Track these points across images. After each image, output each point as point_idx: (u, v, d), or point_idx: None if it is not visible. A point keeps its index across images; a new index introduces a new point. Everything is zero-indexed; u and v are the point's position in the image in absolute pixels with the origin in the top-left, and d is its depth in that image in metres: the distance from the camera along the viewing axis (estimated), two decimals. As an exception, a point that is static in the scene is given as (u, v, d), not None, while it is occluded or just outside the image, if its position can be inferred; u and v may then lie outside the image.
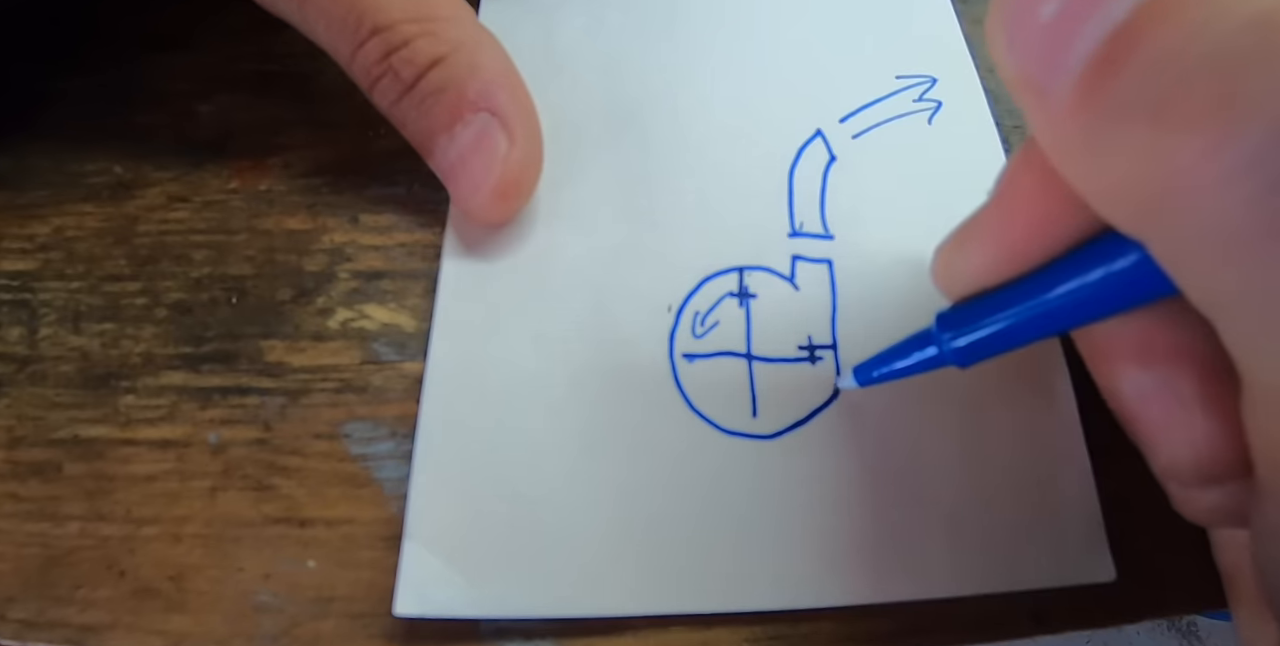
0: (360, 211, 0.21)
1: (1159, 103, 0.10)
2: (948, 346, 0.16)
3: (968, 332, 0.15)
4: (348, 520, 0.18)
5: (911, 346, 0.17)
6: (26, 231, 0.21)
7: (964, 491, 0.18)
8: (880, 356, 0.17)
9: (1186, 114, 0.10)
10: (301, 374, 0.19)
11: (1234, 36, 0.09)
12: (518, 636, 0.17)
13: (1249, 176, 0.09)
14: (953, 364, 0.16)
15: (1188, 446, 0.14)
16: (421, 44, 0.19)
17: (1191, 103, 0.09)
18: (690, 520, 0.18)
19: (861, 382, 0.18)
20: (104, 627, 0.17)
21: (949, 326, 0.16)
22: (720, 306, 0.19)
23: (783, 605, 0.17)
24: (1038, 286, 0.14)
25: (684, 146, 0.21)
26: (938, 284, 0.16)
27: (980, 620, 0.18)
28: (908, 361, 0.17)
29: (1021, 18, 0.11)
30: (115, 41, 0.23)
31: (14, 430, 0.19)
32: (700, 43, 0.23)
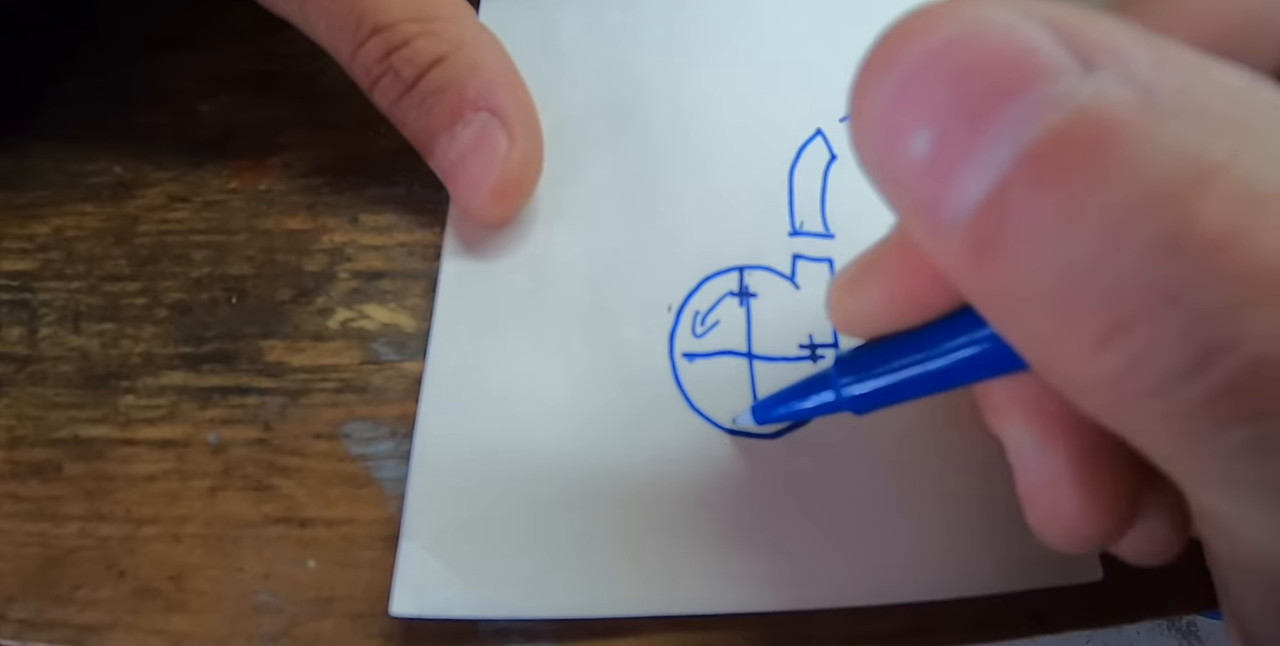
0: (360, 211, 0.21)
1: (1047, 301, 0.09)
2: (844, 394, 0.15)
3: (863, 381, 0.14)
4: (348, 520, 0.18)
5: (810, 388, 0.16)
6: (26, 231, 0.21)
7: (964, 492, 0.18)
8: (778, 395, 0.17)
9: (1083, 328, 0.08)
10: (301, 374, 0.19)
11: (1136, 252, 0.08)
12: (518, 637, 0.17)
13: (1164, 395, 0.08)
14: (849, 411, 0.15)
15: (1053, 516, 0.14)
16: (422, 43, 0.19)
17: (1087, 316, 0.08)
18: (690, 520, 0.18)
19: (759, 421, 0.18)
20: (104, 627, 0.17)
21: (846, 371, 0.15)
22: (721, 305, 0.19)
23: (783, 605, 0.17)
24: (933, 340, 0.13)
25: (684, 146, 0.21)
26: (831, 319, 0.15)
27: (980, 620, 0.18)
28: (805, 404, 0.16)
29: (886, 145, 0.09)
30: (116, 42, 0.23)
31: (14, 430, 0.19)
32: (701, 42, 0.23)
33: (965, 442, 0.18)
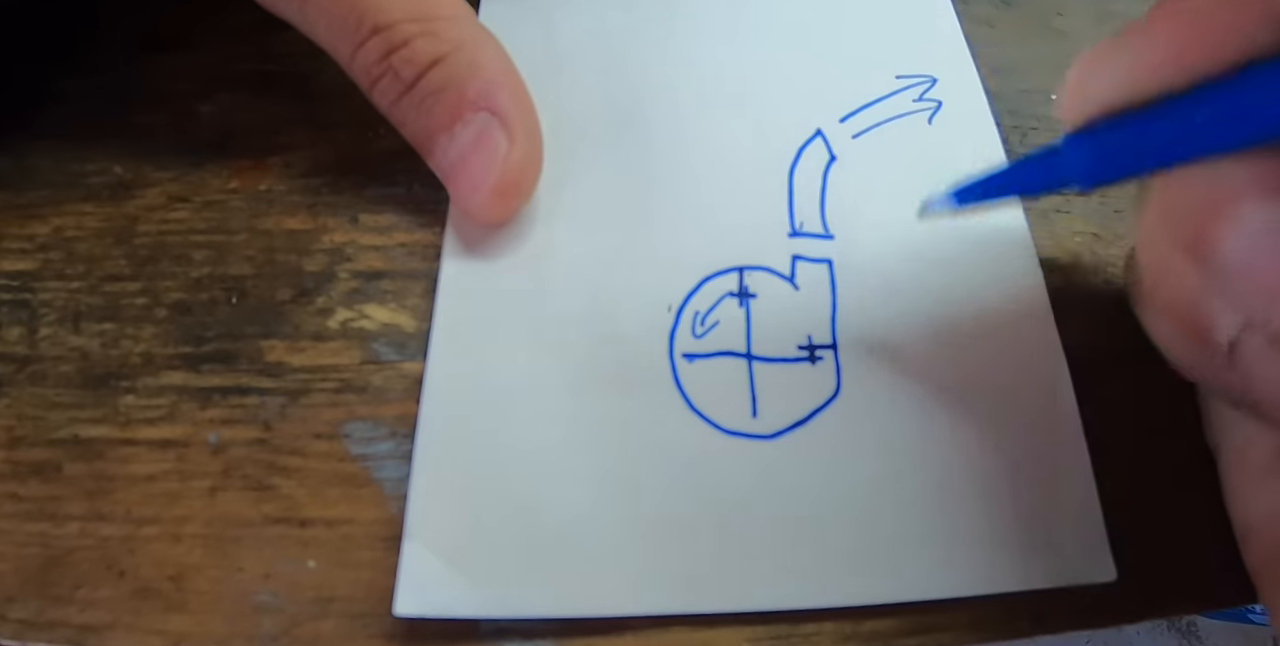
0: (360, 211, 0.21)
1: None
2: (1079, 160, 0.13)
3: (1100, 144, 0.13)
4: (348, 520, 0.18)
5: (1030, 165, 0.14)
6: (26, 231, 0.21)
7: (964, 491, 0.18)
8: (994, 175, 0.15)
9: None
10: (301, 374, 0.19)
11: None
12: (518, 636, 0.17)
13: None
14: (1078, 185, 0.14)
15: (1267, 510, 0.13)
16: (422, 43, 0.19)
17: None
18: (690, 520, 0.18)
19: (962, 202, 0.16)
20: (104, 627, 0.17)
21: (1080, 142, 0.13)
22: (720, 306, 0.19)
23: (783, 605, 0.17)
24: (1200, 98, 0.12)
25: (684, 146, 0.21)
26: (1067, 102, 0.14)
27: (980, 620, 0.18)
28: (1026, 179, 0.15)
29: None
30: (115, 41, 0.23)
31: (14, 430, 0.19)
32: (700, 42, 0.23)
33: (964, 442, 0.18)
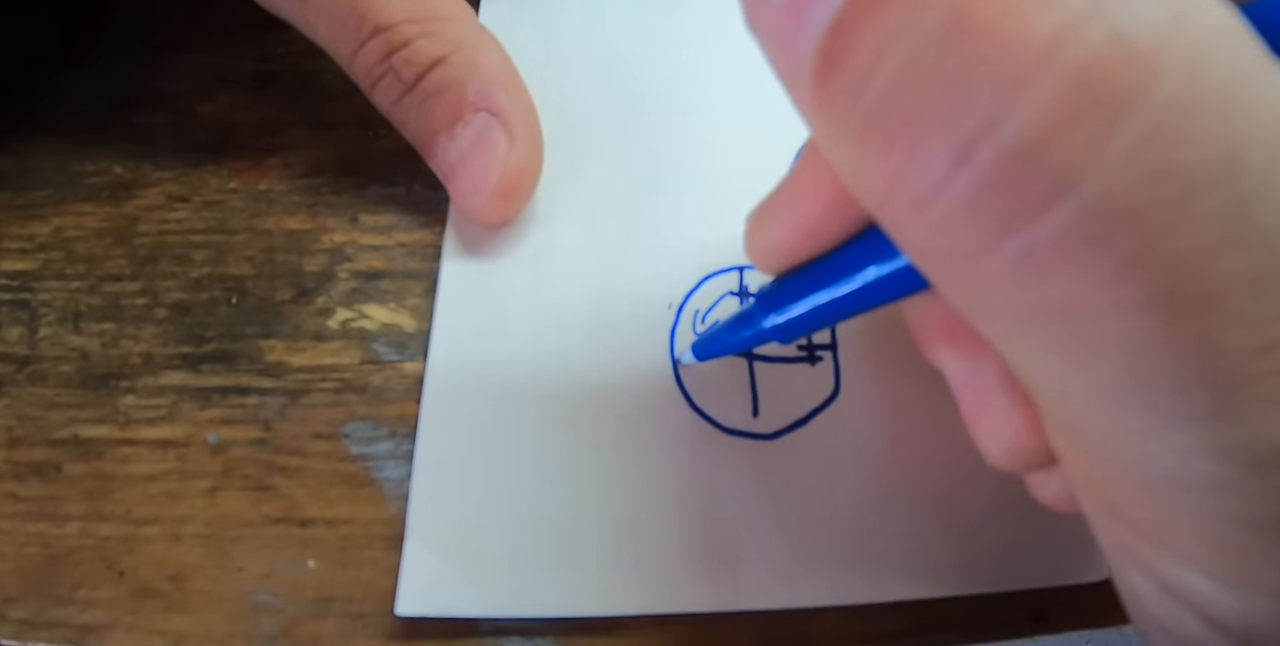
0: (360, 211, 0.21)
1: (861, 119, 0.09)
2: (766, 326, 0.15)
3: (780, 313, 0.15)
4: (348, 520, 0.18)
5: (741, 322, 0.16)
6: (26, 231, 0.21)
7: (963, 491, 0.18)
8: (715, 333, 0.17)
9: (879, 136, 0.09)
10: (301, 374, 0.19)
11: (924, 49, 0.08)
12: (517, 636, 0.17)
13: (934, 203, 0.09)
14: (775, 341, 0.16)
15: (996, 434, 0.14)
16: (422, 44, 0.19)
17: (883, 125, 0.09)
18: (690, 519, 0.18)
19: (700, 358, 0.18)
20: (104, 627, 0.17)
21: (766, 306, 0.15)
22: (721, 305, 0.19)
23: (783, 604, 0.17)
24: (835, 268, 0.13)
25: (684, 145, 0.21)
26: (748, 257, 0.15)
27: (980, 620, 0.18)
28: (739, 337, 0.17)
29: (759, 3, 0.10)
30: (115, 41, 0.23)
31: (14, 430, 0.19)
32: (700, 42, 0.23)
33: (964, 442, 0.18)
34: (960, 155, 0.08)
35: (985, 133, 0.08)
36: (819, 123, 0.10)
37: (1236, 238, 0.08)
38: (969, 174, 0.08)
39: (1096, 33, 0.08)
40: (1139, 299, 0.08)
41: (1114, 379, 0.09)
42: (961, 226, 0.09)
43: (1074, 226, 0.08)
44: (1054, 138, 0.08)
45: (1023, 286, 0.09)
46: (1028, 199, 0.08)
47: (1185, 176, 0.08)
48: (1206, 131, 0.08)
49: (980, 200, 0.08)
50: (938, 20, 0.08)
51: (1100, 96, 0.08)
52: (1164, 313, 0.08)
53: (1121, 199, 0.08)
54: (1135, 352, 0.08)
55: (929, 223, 0.09)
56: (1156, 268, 0.08)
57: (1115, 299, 0.08)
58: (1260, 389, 0.08)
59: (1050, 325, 0.09)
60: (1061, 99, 0.08)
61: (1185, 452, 0.09)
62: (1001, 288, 0.09)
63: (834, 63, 0.09)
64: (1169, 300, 0.08)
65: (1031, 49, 0.08)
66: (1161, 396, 0.09)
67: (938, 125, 0.08)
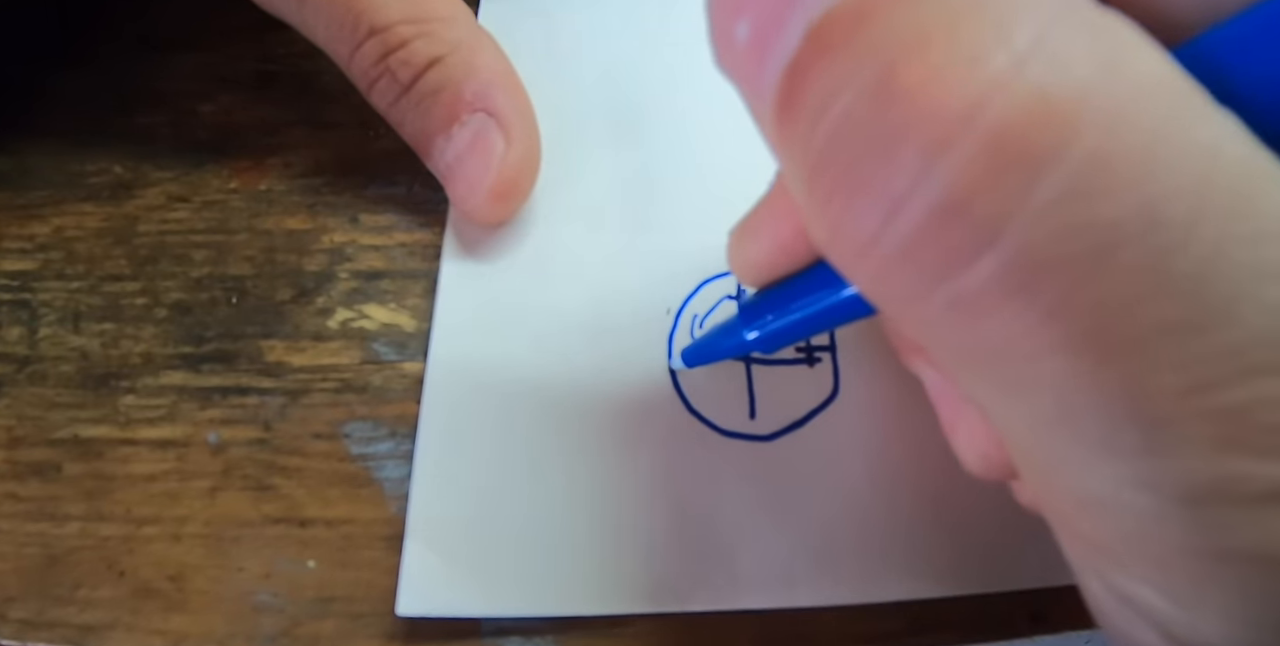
0: (360, 211, 0.21)
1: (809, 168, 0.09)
2: (748, 337, 0.16)
3: (760, 327, 0.15)
4: (348, 520, 0.18)
5: (726, 333, 0.17)
6: (26, 231, 0.21)
7: (962, 491, 0.18)
8: (702, 342, 0.18)
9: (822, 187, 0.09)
10: (301, 374, 0.19)
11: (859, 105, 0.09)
12: (517, 636, 0.17)
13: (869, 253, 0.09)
14: (759, 350, 0.16)
15: (970, 443, 0.14)
16: (419, 45, 0.19)
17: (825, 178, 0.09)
18: (689, 520, 0.18)
19: (689, 365, 0.18)
20: (104, 627, 0.17)
21: (748, 318, 0.16)
22: (719, 308, 0.19)
23: (781, 604, 0.17)
24: (811, 283, 0.14)
25: (683, 147, 0.21)
26: (731, 271, 0.16)
27: (980, 620, 0.18)
28: (724, 347, 0.17)
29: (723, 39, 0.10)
30: (115, 41, 0.23)
31: (14, 430, 0.19)
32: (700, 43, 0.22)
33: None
34: (889, 211, 0.09)
35: (911, 191, 0.08)
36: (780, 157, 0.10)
37: (1158, 287, 0.08)
38: (897, 229, 0.09)
39: (1018, 92, 0.08)
40: (1065, 343, 0.08)
41: (1045, 413, 0.09)
42: (895, 275, 0.09)
43: (997, 278, 0.08)
44: (974, 196, 0.08)
45: (956, 331, 0.09)
46: (953, 253, 0.08)
47: (1104, 230, 0.08)
48: (1126, 185, 0.08)
49: (909, 253, 0.09)
50: (871, 79, 0.08)
51: (1019, 155, 0.08)
52: (1090, 356, 0.08)
53: (1041, 252, 0.08)
54: (1064, 391, 0.09)
55: (866, 271, 0.10)
56: (1079, 316, 0.08)
57: (1041, 343, 0.08)
58: (1184, 429, 0.08)
59: (985, 364, 0.09)
60: (981, 159, 0.08)
61: (1116, 483, 0.09)
62: (937, 330, 0.09)
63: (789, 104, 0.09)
64: (1094, 345, 0.08)
65: (953, 112, 0.08)
66: (1090, 431, 0.09)
67: (869, 181, 0.09)
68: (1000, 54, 0.08)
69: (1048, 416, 0.09)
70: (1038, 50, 0.08)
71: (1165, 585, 0.09)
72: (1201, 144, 0.08)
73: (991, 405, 0.10)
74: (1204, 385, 0.08)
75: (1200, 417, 0.08)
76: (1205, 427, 0.08)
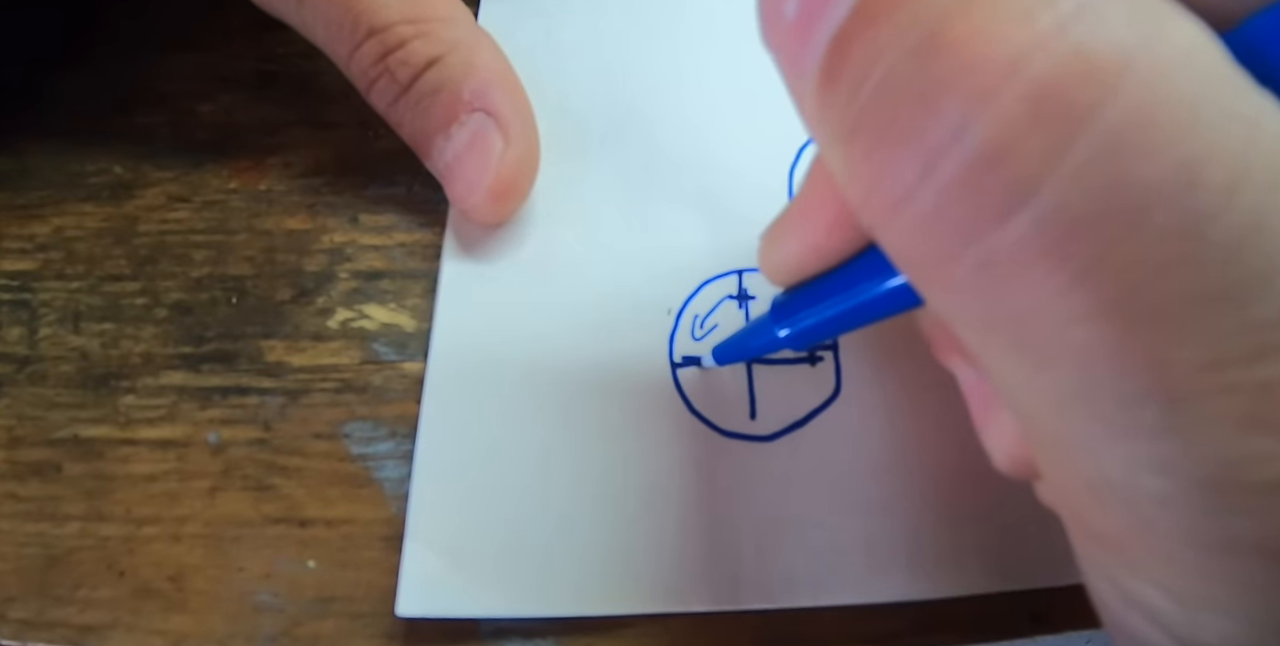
0: (360, 211, 0.21)
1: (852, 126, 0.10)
2: (780, 335, 0.16)
3: (792, 324, 0.15)
4: (348, 520, 0.18)
5: (757, 331, 0.17)
6: (26, 231, 0.21)
7: (963, 491, 0.18)
8: (734, 340, 0.18)
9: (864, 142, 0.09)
10: (301, 374, 0.19)
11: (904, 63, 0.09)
12: (517, 636, 0.17)
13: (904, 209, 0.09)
14: (789, 348, 0.16)
15: (1001, 441, 0.14)
16: (418, 45, 0.19)
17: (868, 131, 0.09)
18: (690, 520, 0.18)
19: (720, 363, 0.19)
20: (104, 627, 0.17)
21: (779, 317, 0.16)
22: (720, 309, 0.19)
23: (783, 605, 0.17)
24: (843, 281, 0.14)
25: (684, 147, 0.21)
26: (762, 272, 0.16)
27: (980, 620, 0.18)
28: (755, 345, 0.17)
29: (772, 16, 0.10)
30: (115, 41, 0.23)
31: (14, 430, 0.19)
32: (700, 43, 0.23)
33: (964, 442, 0.18)
34: (926, 165, 0.09)
35: (949, 144, 0.08)
36: (819, 131, 0.10)
37: (1191, 254, 0.08)
38: (935, 182, 0.09)
39: (1060, 49, 0.08)
40: (1091, 310, 0.08)
41: (1066, 387, 0.09)
42: (928, 233, 0.09)
43: (1030, 237, 0.08)
44: (1012, 150, 0.08)
45: (984, 295, 0.09)
46: (987, 209, 0.08)
47: (1141, 190, 0.08)
48: (1166, 145, 0.08)
49: (943, 209, 0.09)
50: (917, 38, 0.09)
51: (1059, 110, 0.08)
52: (1115, 324, 0.08)
53: (1076, 211, 0.08)
54: (1086, 362, 0.09)
55: (900, 229, 0.10)
56: (1109, 280, 0.08)
57: (1068, 309, 0.08)
58: (1206, 406, 0.08)
59: (1010, 332, 0.09)
60: (1021, 112, 0.08)
61: (1131, 466, 0.09)
62: (966, 295, 0.09)
63: (832, 74, 0.10)
64: (1121, 312, 0.08)
65: (996, 65, 0.08)
66: (1109, 407, 0.09)
67: (909, 135, 0.09)
68: (1045, 14, 0.08)
69: (1068, 391, 0.09)
70: (1082, 14, 0.08)
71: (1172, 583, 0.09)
72: (1242, 114, 0.08)
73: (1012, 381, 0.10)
74: (1230, 360, 0.08)
75: (1223, 394, 0.08)
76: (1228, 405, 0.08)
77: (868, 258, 0.13)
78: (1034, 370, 0.09)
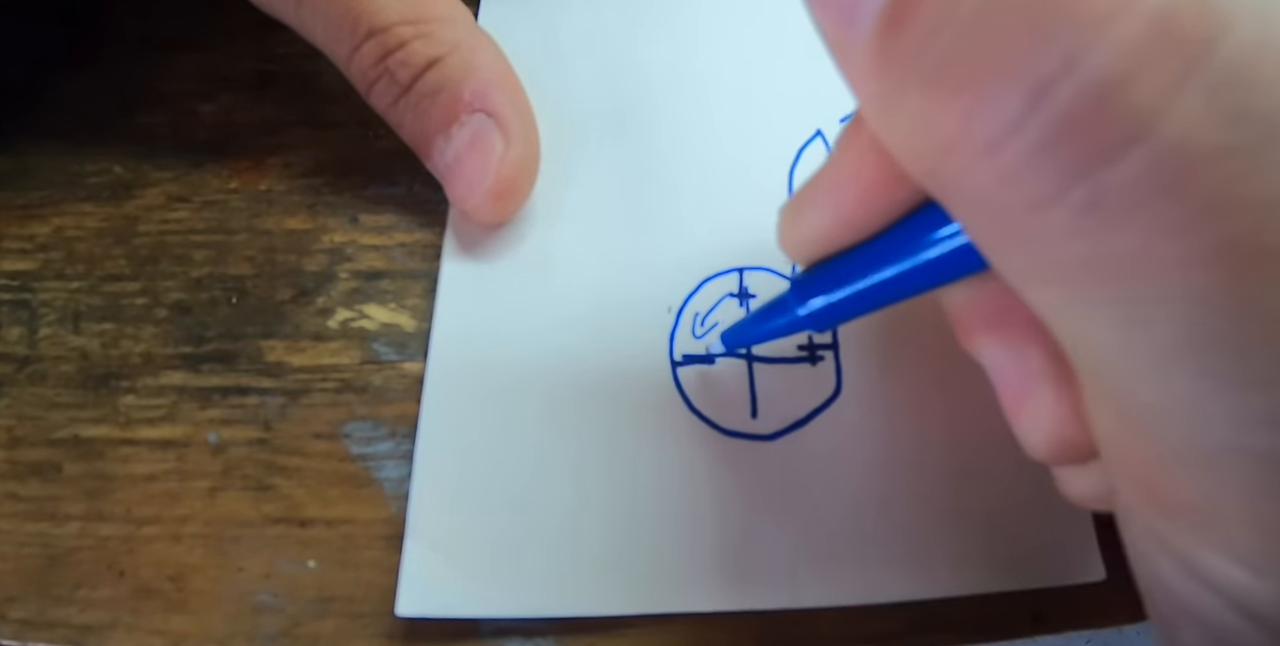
0: (360, 211, 0.21)
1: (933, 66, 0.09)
2: (801, 313, 0.15)
3: (817, 301, 0.15)
4: (348, 520, 0.18)
5: (774, 310, 0.16)
6: (26, 231, 0.21)
7: (963, 491, 0.18)
8: (746, 322, 0.17)
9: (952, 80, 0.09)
10: (301, 374, 0.19)
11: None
12: (517, 636, 0.17)
13: (1005, 147, 0.09)
14: (809, 329, 0.16)
15: (1038, 424, 0.14)
16: (417, 46, 0.19)
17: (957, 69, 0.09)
18: (690, 519, 0.18)
19: (729, 347, 0.18)
20: (104, 627, 0.17)
21: (801, 294, 0.15)
22: (720, 307, 0.19)
23: (783, 605, 0.17)
24: (875, 254, 0.13)
25: (684, 147, 0.21)
26: (782, 248, 0.15)
27: (980, 620, 0.18)
28: (771, 327, 0.16)
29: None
30: (115, 41, 0.23)
31: (14, 430, 0.19)
32: (700, 43, 0.23)
33: (964, 441, 0.18)
34: (1036, 95, 0.08)
35: (1062, 73, 0.08)
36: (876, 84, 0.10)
37: None
38: (1043, 115, 0.08)
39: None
40: (1205, 253, 0.08)
41: (1170, 342, 0.09)
42: (1030, 173, 0.09)
43: (1147, 173, 0.08)
44: (1132, 79, 0.08)
45: (1086, 240, 0.09)
46: (1102, 142, 0.08)
47: (1262, 123, 0.08)
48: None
49: (1052, 143, 0.08)
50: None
51: (1178, 40, 0.08)
52: (1229, 268, 0.08)
53: (1197, 144, 0.08)
54: (1194, 313, 0.08)
55: (995, 171, 0.09)
56: (1226, 218, 0.08)
57: (1180, 253, 0.08)
58: None
59: (1108, 284, 0.09)
60: (1140, 41, 0.08)
61: (1239, 422, 0.08)
62: (1062, 243, 0.09)
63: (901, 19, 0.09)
64: (1236, 254, 0.08)
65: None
66: (1218, 360, 0.08)
67: (1014, 66, 0.08)
68: None
69: (1171, 345, 0.09)
70: None
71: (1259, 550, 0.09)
72: None
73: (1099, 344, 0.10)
74: None
75: None
76: None
77: (912, 224, 0.13)
78: (1131, 326, 0.09)
